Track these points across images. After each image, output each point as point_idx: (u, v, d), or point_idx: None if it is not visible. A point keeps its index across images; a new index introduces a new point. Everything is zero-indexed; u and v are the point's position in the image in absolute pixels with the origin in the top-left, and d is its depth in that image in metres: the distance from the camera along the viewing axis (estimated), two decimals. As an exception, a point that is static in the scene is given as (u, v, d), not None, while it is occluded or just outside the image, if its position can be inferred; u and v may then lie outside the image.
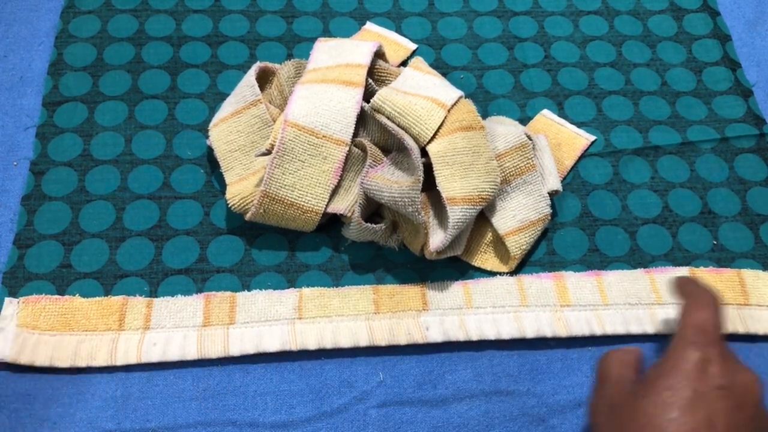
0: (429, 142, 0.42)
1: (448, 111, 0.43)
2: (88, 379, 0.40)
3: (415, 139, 0.42)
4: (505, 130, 0.45)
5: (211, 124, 0.45)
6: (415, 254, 0.44)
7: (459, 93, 0.44)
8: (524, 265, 0.45)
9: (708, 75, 0.54)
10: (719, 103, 0.53)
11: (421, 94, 0.43)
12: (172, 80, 0.50)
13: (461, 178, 0.41)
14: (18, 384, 0.39)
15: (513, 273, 0.44)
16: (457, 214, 0.40)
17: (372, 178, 0.41)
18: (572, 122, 0.51)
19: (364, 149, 0.43)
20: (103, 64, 0.50)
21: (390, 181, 0.41)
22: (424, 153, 0.42)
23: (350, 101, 0.43)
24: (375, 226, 0.42)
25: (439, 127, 0.42)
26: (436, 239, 0.41)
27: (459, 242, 0.43)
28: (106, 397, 0.39)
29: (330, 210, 0.42)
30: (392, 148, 0.45)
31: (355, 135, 0.43)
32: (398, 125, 0.43)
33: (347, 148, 0.43)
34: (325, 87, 0.44)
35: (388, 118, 0.43)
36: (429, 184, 0.42)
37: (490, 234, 0.45)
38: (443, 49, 0.54)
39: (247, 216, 0.42)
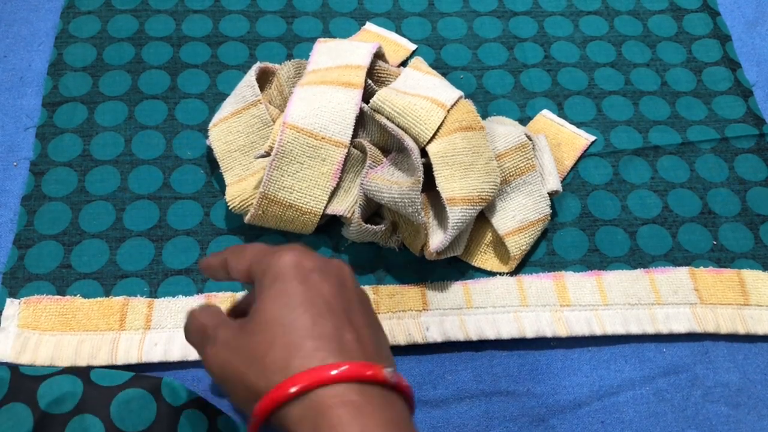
0: (429, 142, 0.42)
1: (448, 111, 0.43)
2: (88, 380, 0.40)
3: (415, 140, 0.42)
4: (505, 130, 0.45)
5: (210, 124, 0.45)
6: (415, 254, 0.44)
7: (459, 93, 0.44)
8: (524, 265, 0.45)
9: (708, 75, 0.54)
10: (719, 103, 0.53)
11: (421, 95, 0.43)
12: (172, 80, 0.50)
13: (461, 179, 0.41)
14: (18, 384, 0.39)
15: (513, 273, 0.44)
16: (456, 214, 0.40)
17: (372, 179, 0.41)
18: (572, 122, 0.51)
19: (363, 150, 0.43)
20: (103, 65, 0.50)
21: (390, 182, 0.41)
22: (423, 153, 0.42)
23: (349, 103, 0.43)
24: (375, 227, 0.42)
25: (439, 128, 0.42)
26: (436, 240, 0.41)
27: (459, 242, 0.43)
28: (107, 397, 0.39)
29: (329, 211, 0.42)
30: (392, 148, 0.44)
31: (355, 136, 0.43)
32: (398, 126, 0.43)
33: (346, 150, 0.43)
34: (324, 88, 0.43)
35: (388, 118, 0.43)
36: (429, 185, 0.41)
37: (490, 234, 0.45)
38: (443, 49, 0.54)
39: (246, 218, 0.42)
